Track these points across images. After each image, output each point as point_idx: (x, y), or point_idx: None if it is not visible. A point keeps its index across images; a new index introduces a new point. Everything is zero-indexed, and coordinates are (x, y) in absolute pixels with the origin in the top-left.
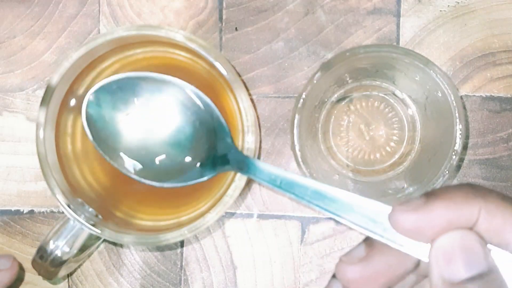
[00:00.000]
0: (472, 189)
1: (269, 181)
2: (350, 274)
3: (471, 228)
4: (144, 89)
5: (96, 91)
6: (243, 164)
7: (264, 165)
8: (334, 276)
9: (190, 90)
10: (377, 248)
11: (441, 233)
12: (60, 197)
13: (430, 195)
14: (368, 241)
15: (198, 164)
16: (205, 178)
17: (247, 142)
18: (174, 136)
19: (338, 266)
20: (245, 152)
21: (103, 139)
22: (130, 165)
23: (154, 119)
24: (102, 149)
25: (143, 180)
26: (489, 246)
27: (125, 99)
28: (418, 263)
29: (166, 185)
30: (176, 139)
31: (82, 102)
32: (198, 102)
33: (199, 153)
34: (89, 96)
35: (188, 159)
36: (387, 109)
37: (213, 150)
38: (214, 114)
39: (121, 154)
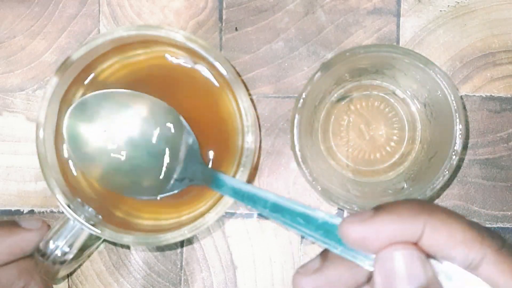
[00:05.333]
0: (419, 205)
1: (233, 194)
2: (304, 285)
3: (416, 242)
4: (119, 104)
5: (74, 108)
6: (210, 178)
7: (228, 179)
8: None
9: (161, 107)
10: (330, 260)
11: (386, 245)
12: (60, 197)
13: (379, 208)
14: (324, 253)
15: (173, 180)
16: (175, 191)
17: (247, 142)
18: (148, 153)
19: (294, 277)
20: (245, 152)
21: (83, 155)
22: (110, 181)
23: (129, 136)
24: (81, 162)
25: (121, 192)
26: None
27: (102, 115)
28: (370, 276)
29: (143, 197)
30: (149, 155)
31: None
32: (167, 119)
33: (171, 168)
34: (67, 114)
35: (161, 173)
36: (387, 109)
37: (184, 165)
38: (184, 129)
39: (105, 169)
